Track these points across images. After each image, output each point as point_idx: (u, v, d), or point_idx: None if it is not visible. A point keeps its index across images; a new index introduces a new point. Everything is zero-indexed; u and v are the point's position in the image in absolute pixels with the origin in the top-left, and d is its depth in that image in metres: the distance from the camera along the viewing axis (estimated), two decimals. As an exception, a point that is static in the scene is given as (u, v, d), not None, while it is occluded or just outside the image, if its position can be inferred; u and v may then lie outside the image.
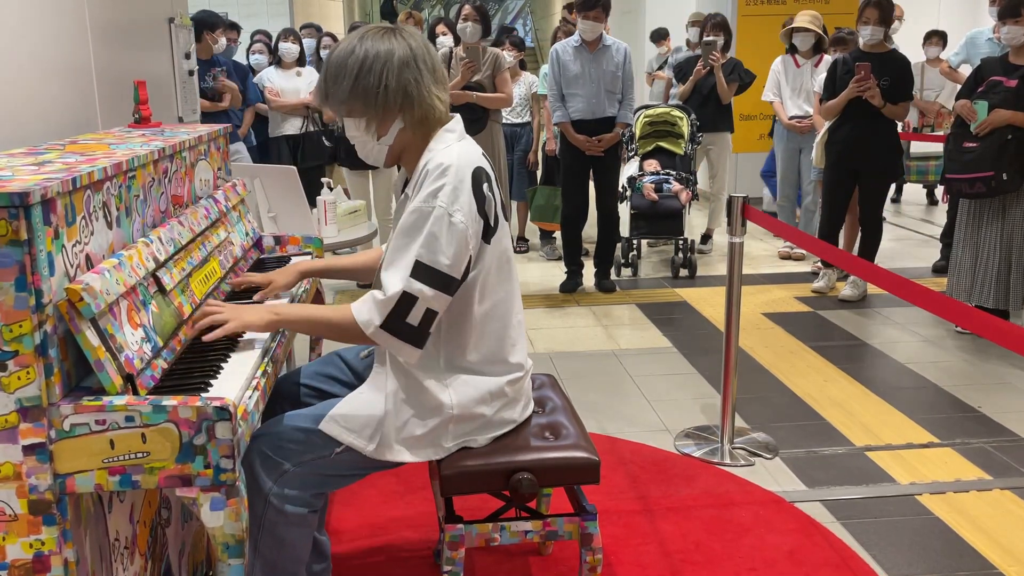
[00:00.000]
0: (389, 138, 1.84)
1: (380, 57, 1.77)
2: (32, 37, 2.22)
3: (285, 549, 1.86)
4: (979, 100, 4.23)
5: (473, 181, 1.79)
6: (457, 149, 1.82)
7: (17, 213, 1.35)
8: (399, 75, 1.77)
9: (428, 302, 1.75)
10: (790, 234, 3.29)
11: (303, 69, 6.14)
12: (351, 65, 1.78)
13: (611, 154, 5.23)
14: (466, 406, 1.89)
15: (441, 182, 1.75)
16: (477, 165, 1.82)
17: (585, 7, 4.96)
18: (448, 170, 1.76)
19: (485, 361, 1.91)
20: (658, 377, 3.95)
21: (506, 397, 1.95)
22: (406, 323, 1.75)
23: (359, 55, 1.77)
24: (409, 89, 1.78)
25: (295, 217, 3.24)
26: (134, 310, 1.61)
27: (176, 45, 3.43)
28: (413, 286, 1.74)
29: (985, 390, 3.75)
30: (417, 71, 1.79)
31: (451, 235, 1.75)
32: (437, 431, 1.89)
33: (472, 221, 1.78)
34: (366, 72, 1.77)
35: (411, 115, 1.81)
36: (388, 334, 1.76)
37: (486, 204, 1.81)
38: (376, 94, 1.77)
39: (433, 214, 1.74)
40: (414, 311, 1.75)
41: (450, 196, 1.75)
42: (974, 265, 4.38)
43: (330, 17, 13.25)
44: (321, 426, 1.85)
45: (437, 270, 1.75)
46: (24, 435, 1.42)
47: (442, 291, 1.76)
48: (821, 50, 5.96)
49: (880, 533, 2.63)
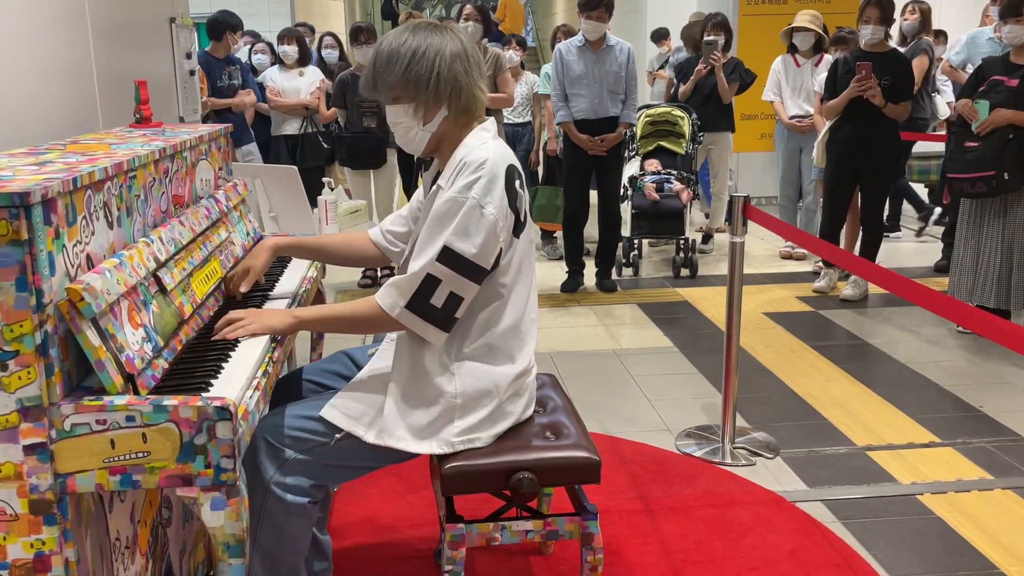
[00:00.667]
0: (433, 125, 1.89)
1: (433, 46, 1.84)
2: (33, 37, 2.22)
3: (284, 540, 1.86)
4: (980, 100, 4.22)
5: (507, 177, 1.84)
6: (492, 146, 1.88)
7: (18, 213, 1.35)
8: (451, 65, 1.84)
9: (452, 285, 1.80)
10: (791, 234, 3.29)
11: (306, 69, 6.14)
12: (404, 53, 1.83)
13: (614, 154, 5.22)
14: (470, 396, 1.89)
15: (477, 175, 1.81)
16: (511, 163, 1.88)
17: (588, 7, 4.97)
18: (484, 164, 1.82)
19: (494, 352, 1.92)
20: (659, 377, 3.95)
21: (511, 391, 1.95)
22: (430, 304, 1.80)
23: (412, 44, 1.84)
24: (459, 79, 1.85)
25: (296, 217, 3.24)
26: (135, 310, 1.61)
27: (177, 45, 3.43)
28: (437, 268, 1.79)
29: (986, 390, 3.75)
30: (467, 63, 1.87)
31: (481, 226, 1.79)
32: (441, 421, 1.89)
33: (503, 215, 1.83)
34: (419, 59, 1.83)
35: (457, 104, 1.87)
36: (413, 314, 1.81)
37: (517, 200, 1.88)
38: (428, 80, 1.83)
39: (466, 205, 1.79)
40: (438, 292, 1.79)
41: (484, 189, 1.80)
42: (975, 265, 4.38)
43: (331, 17, 13.26)
44: (322, 412, 1.88)
45: (464, 256, 1.79)
46: (25, 435, 1.42)
47: (467, 277, 1.81)
48: (821, 50, 5.96)
49: (881, 533, 2.63)
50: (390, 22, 17.84)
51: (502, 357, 1.93)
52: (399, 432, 1.87)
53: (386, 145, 5.38)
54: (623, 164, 5.51)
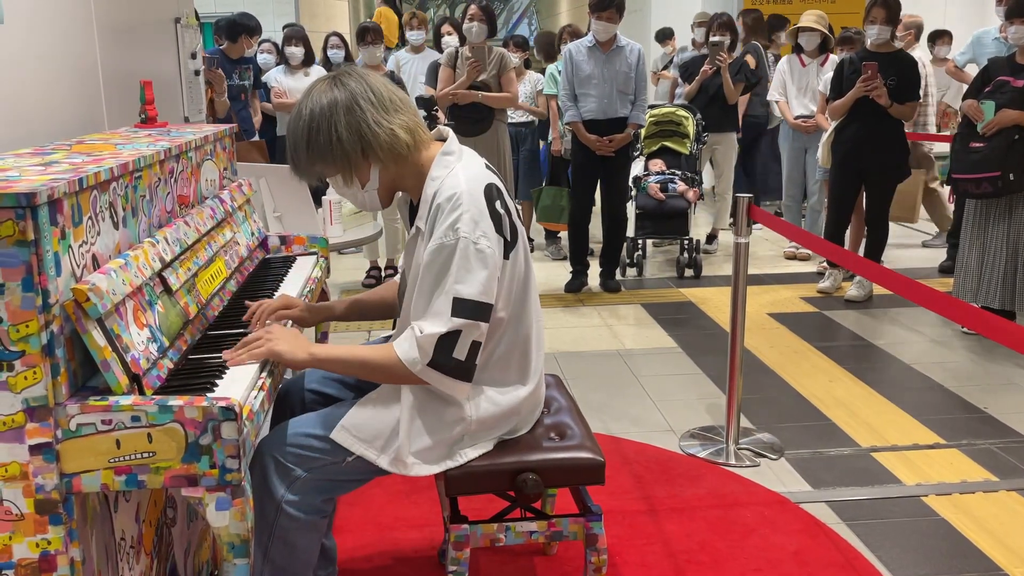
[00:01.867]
0: (374, 182, 1.83)
1: (324, 112, 1.76)
2: (39, 36, 2.23)
3: (296, 554, 1.86)
4: (986, 100, 4.21)
5: (487, 201, 1.77)
6: (462, 173, 1.79)
7: (24, 213, 1.35)
8: (346, 121, 1.75)
9: (471, 334, 1.75)
10: (796, 234, 3.29)
11: (311, 69, 6.15)
12: (301, 130, 1.77)
13: (622, 155, 5.22)
14: (485, 421, 1.88)
15: (457, 212, 1.73)
16: (486, 183, 1.80)
17: (599, 7, 4.97)
18: (460, 198, 1.74)
19: (504, 375, 1.89)
20: (663, 377, 3.95)
21: (520, 413, 1.94)
22: (453, 358, 1.75)
23: (305, 117, 1.77)
24: (362, 131, 1.76)
25: (300, 217, 3.24)
26: (140, 310, 1.61)
27: (182, 45, 3.43)
28: (456, 322, 1.73)
29: (991, 391, 3.74)
30: (361, 110, 1.76)
31: (480, 263, 1.74)
32: (452, 445, 1.87)
33: (496, 244, 1.77)
34: (315, 132, 1.76)
35: (379, 153, 1.78)
36: (436, 371, 1.75)
37: (502, 221, 1.79)
38: (331, 148, 1.76)
39: (458, 247, 1.73)
40: (459, 345, 1.74)
41: (470, 224, 1.73)
42: (980, 266, 4.37)
43: (336, 17, 13.27)
44: (332, 435, 1.84)
45: (475, 301, 1.73)
46: (31, 435, 1.43)
47: (480, 320, 1.75)
48: (827, 49, 5.95)
49: (886, 534, 2.63)
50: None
51: (512, 378, 1.90)
52: (412, 459, 1.84)
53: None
54: (631, 165, 5.51)
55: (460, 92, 5.11)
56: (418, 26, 5.99)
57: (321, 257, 2.66)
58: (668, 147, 6.06)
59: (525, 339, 1.90)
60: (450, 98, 5.14)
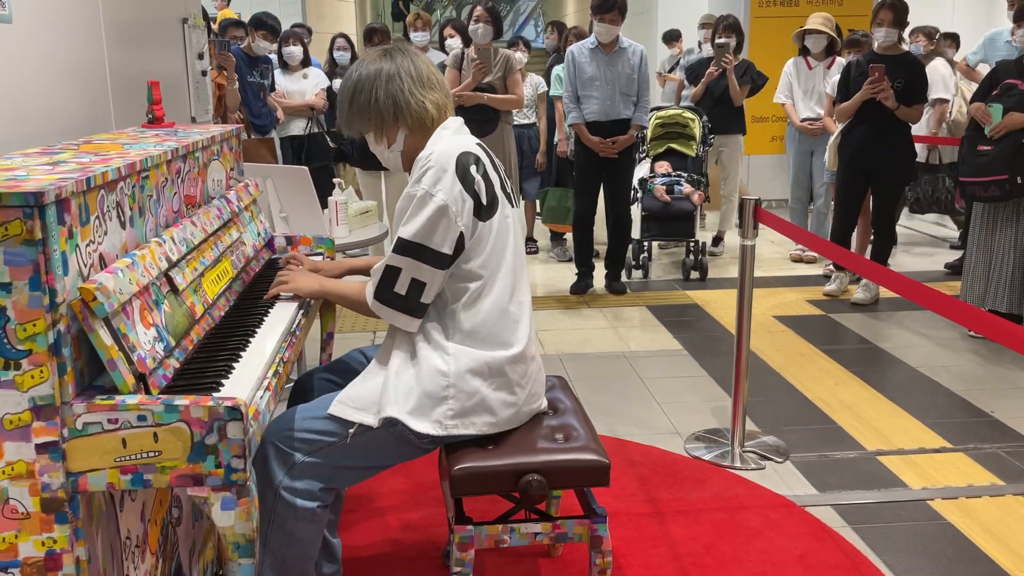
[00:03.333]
0: (399, 144, 2.04)
1: (370, 77, 2.01)
2: (47, 36, 2.24)
3: (294, 545, 1.87)
4: (994, 103, 4.20)
5: (457, 164, 1.92)
6: (447, 139, 2.00)
7: (32, 213, 1.35)
8: (387, 88, 2.00)
9: (411, 272, 1.90)
10: (802, 237, 3.28)
11: (309, 71, 6.15)
12: (347, 90, 2.04)
13: (625, 156, 5.22)
14: (462, 377, 1.90)
15: (425, 168, 1.92)
16: (464, 150, 1.97)
17: (601, 9, 4.96)
18: (431, 157, 1.93)
19: (484, 336, 1.94)
20: (668, 379, 3.94)
21: (506, 377, 1.95)
22: (394, 292, 1.92)
23: (353, 80, 2.03)
24: (398, 98, 1.99)
25: (307, 217, 3.25)
26: (147, 309, 1.62)
27: (189, 45, 3.44)
28: (395, 258, 1.91)
29: (998, 395, 3.72)
30: (400, 81, 2.00)
31: (432, 213, 1.88)
32: (436, 403, 1.90)
33: (455, 199, 1.90)
34: (359, 92, 2.02)
35: (408, 120, 2.01)
36: (380, 304, 1.94)
37: (474, 184, 1.93)
38: (371, 108, 2.01)
39: (416, 196, 1.90)
40: (399, 281, 1.91)
41: (431, 178, 1.90)
42: (987, 269, 4.35)
43: (342, 18, 13.29)
44: (330, 409, 1.91)
45: (419, 243, 1.89)
46: (37, 433, 1.43)
47: (428, 264, 1.89)
48: (833, 52, 5.94)
49: (892, 538, 2.62)
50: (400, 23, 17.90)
51: (493, 342, 1.94)
52: (396, 405, 1.89)
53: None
54: (634, 166, 5.50)
55: (466, 94, 5.12)
56: (422, 27, 5.99)
57: (327, 257, 2.66)
58: (674, 149, 6.05)
59: (504, 303, 1.97)
60: (456, 99, 5.14)
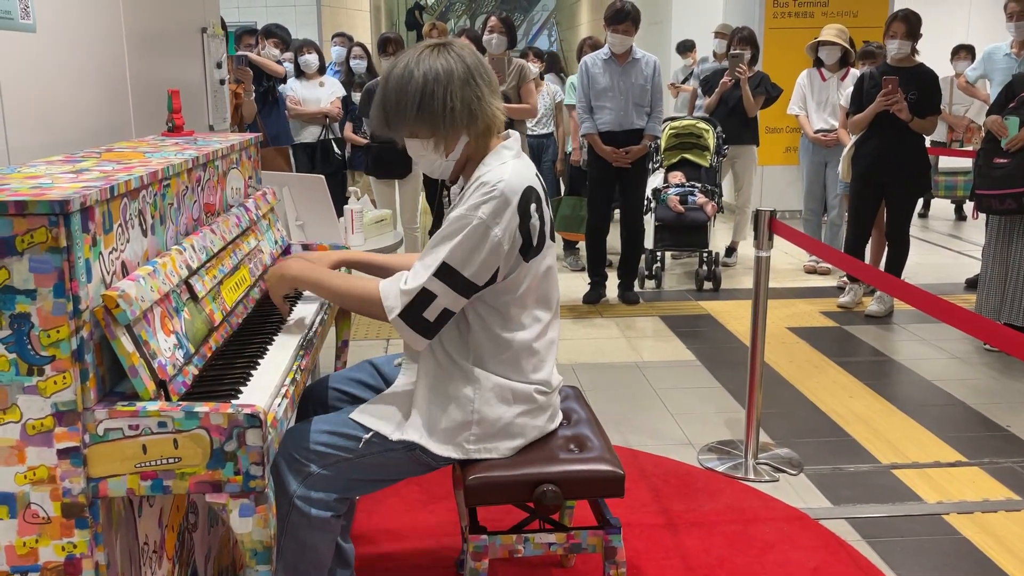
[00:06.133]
0: (456, 153, 1.89)
1: (440, 80, 1.80)
2: (70, 46, 2.26)
3: (308, 553, 1.87)
4: (1010, 116, 4.19)
5: (521, 200, 1.82)
6: (512, 166, 1.86)
7: (57, 220, 1.37)
8: (463, 93, 1.81)
9: (445, 301, 1.81)
10: (816, 248, 3.27)
11: (325, 79, 6.20)
12: (412, 91, 1.80)
13: (638, 166, 5.23)
14: (488, 402, 1.90)
15: (488, 196, 1.79)
16: (528, 185, 1.85)
17: (615, 21, 4.98)
18: (498, 186, 1.80)
19: (510, 367, 1.92)
20: (682, 390, 3.94)
21: (530, 404, 1.95)
22: (422, 317, 1.82)
23: (419, 80, 1.80)
24: (472, 106, 1.82)
25: (322, 225, 3.26)
26: (167, 317, 1.63)
27: (208, 54, 3.47)
28: (434, 284, 1.80)
29: (1014, 409, 3.70)
30: (477, 87, 1.83)
31: (483, 246, 1.79)
32: (460, 428, 1.90)
33: (509, 237, 1.81)
34: (429, 96, 1.80)
35: (475, 129, 1.85)
36: (403, 323, 1.83)
37: (530, 223, 1.84)
38: (443, 116, 1.81)
39: (472, 224, 1.79)
40: (431, 307, 1.81)
41: (492, 210, 1.79)
42: (1003, 282, 4.33)
43: (357, 27, 13.35)
44: (352, 415, 1.91)
45: (461, 274, 1.80)
46: (59, 439, 1.44)
47: (460, 294, 1.82)
48: (847, 63, 5.94)
49: (906, 552, 2.60)
50: (414, 33, 17.95)
51: (521, 370, 1.93)
52: (420, 431, 1.90)
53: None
54: (647, 176, 5.51)
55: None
56: (439, 37, 6.03)
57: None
58: (688, 159, 6.07)
59: (532, 339, 1.93)
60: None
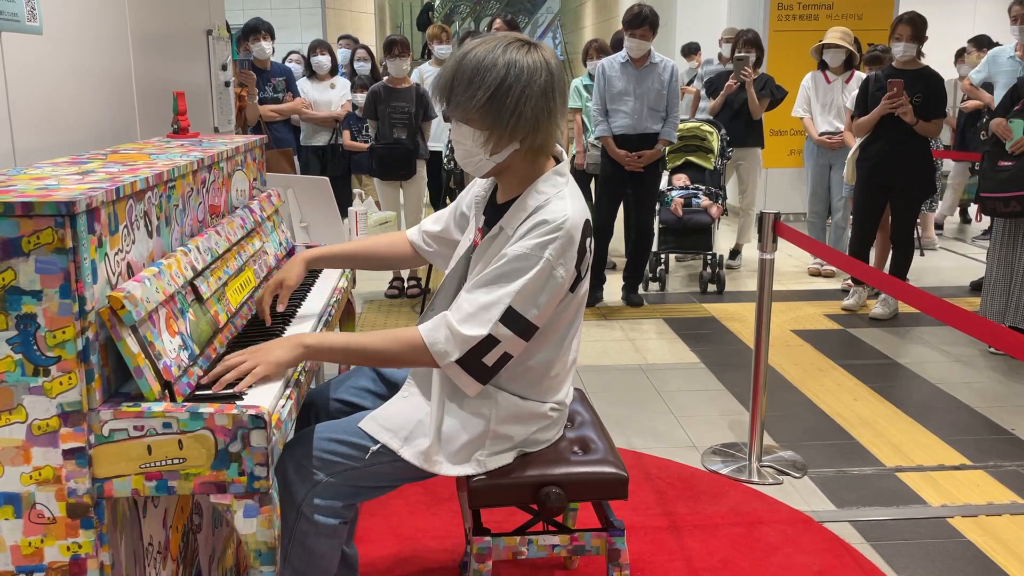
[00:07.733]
0: (500, 156, 1.77)
1: (521, 79, 1.68)
2: (76, 47, 2.27)
3: (315, 560, 1.87)
4: (1015, 119, 4.18)
5: (581, 235, 1.77)
6: (571, 202, 1.78)
7: (63, 221, 1.38)
8: (537, 103, 1.70)
9: (507, 346, 1.75)
10: (821, 251, 3.27)
11: (336, 80, 6.20)
12: (490, 79, 1.68)
13: (651, 170, 5.23)
14: (503, 422, 1.89)
15: (555, 235, 1.72)
16: (586, 218, 1.80)
17: (632, 24, 4.99)
18: (564, 225, 1.73)
19: (531, 389, 1.91)
20: (686, 392, 3.94)
21: (544, 420, 1.95)
22: (482, 363, 1.75)
23: (500, 70, 1.68)
24: (540, 119, 1.72)
25: (327, 227, 3.27)
26: (172, 318, 1.63)
27: (213, 56, 3.48)
28: (500, 330, 1.72)
29: (1018, 412, 3.69)
30: (552, 101, 1.72)
31: (549, 289, 1.74)
32: (474, 446, 1.88)
33: (568, 275, 1.77)
34: (505, 91, 1.68)
35: (532, 142, 1.74)
36: (461, 369, 1.75)
37: (585, 257, 1.81)
38: (509, 117, 1.70)
39: (539, 266, 1.72)
40: (492, 352, 1.74)
41: (559, 251, 1.72)
42: (1008, 285, 4.32)
43: (362, 30, 13.36)
44: (361, 424, 1.88)
45: (525, 318, 1.74)
46: (64, 439, 1.45)
47: (522, 337, 1.76)
48: (852, 66, 5.93)
49: (911, 555, 2.60)
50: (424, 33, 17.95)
51: (537, 393, 1.92)
52: (437, 458, 1.86)
53: (415, 156, 5.42)
54: (659, 181, 5.51)
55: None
56: (447, 40, 6.04)
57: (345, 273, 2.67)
58: (692, 162, 6.06)
59: (555, 361, 1.91)
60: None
